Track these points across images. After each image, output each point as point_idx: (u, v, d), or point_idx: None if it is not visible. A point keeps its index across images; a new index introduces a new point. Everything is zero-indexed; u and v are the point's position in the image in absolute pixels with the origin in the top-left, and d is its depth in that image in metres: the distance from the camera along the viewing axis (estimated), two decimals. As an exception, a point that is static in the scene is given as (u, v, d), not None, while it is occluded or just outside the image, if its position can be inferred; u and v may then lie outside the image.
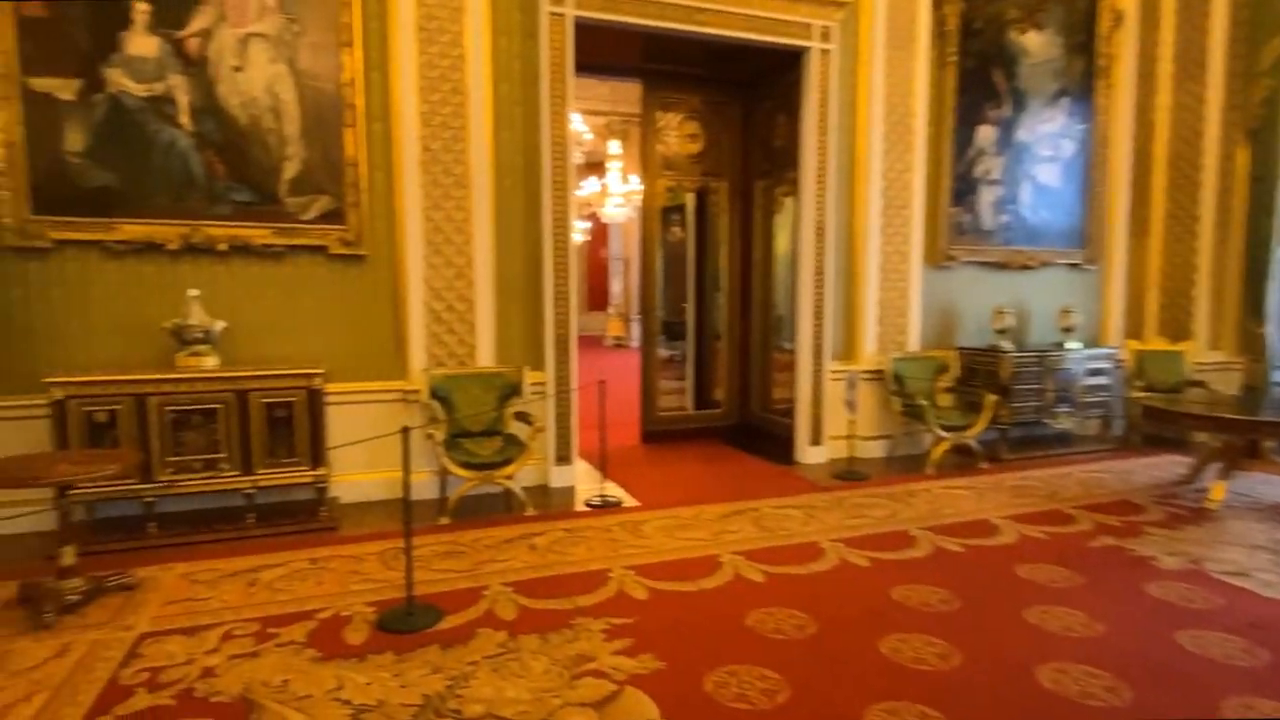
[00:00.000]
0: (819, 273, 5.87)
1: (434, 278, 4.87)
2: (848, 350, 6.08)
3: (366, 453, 4.68)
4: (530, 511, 4.57)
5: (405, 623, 3.01)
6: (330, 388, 4.62)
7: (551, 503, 4.90)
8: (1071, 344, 6.31)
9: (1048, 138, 6.56)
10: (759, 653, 2.83)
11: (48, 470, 3.09)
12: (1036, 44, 6.40)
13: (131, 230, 4.25)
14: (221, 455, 4.14)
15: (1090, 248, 6.82)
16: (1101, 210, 6.84)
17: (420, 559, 3.70)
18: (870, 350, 6.03)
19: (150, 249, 4.31)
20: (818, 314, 5.90)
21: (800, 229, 5.90)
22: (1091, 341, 6.75)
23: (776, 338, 6.61)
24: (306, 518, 4.37)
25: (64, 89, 4.06)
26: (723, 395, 7.05)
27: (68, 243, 4.18)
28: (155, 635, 2.93)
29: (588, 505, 4.80)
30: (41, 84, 4.02)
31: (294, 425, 4.27)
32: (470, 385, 4.84)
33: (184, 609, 3.18)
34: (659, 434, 6.76)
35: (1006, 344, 6.04)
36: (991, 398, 5.69)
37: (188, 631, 2.96)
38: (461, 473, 4.40)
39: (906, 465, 5.82)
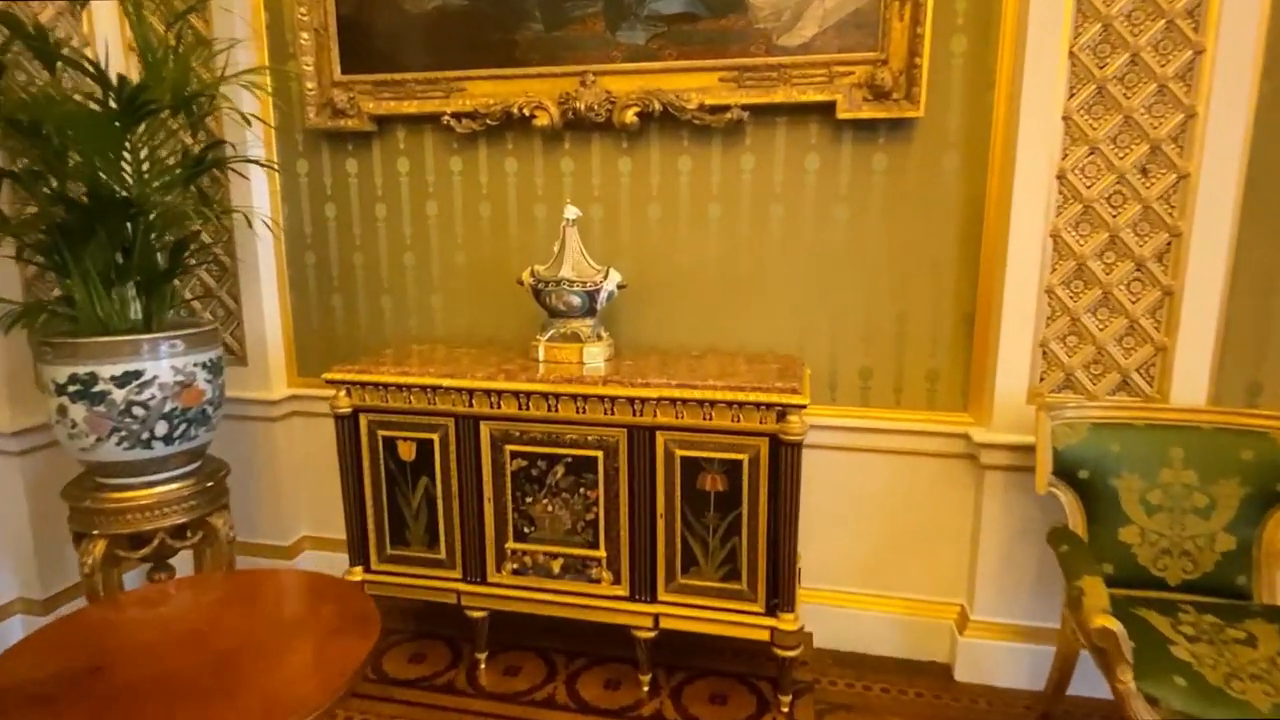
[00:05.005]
0: None
1: (1081, 171, 1.92)
2: None
3: (862, 555, 2.16)
4: None
5: None
6: (809, 413, 2.13)
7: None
8: None
9: None
10: None
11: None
12: None
13: (482, 91, 2.24)
14: (596, 553, 1.98)
15: None
16: None
17: None
18: None
19: (509, 126, 2.27)
20: None
21: None
22: None
23: None
24: (743, 706, 2.02)
25: None
26: None
27: (392, 120, 2.36)
28: None
29: None
30: None
31: (737, 508, 1.88)
32: (1163, 453, 1.83)
33: None
34: None
35: None
36: None
37: None
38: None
39: None
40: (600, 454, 1.93)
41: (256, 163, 2.21)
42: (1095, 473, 1.84)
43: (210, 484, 2.06)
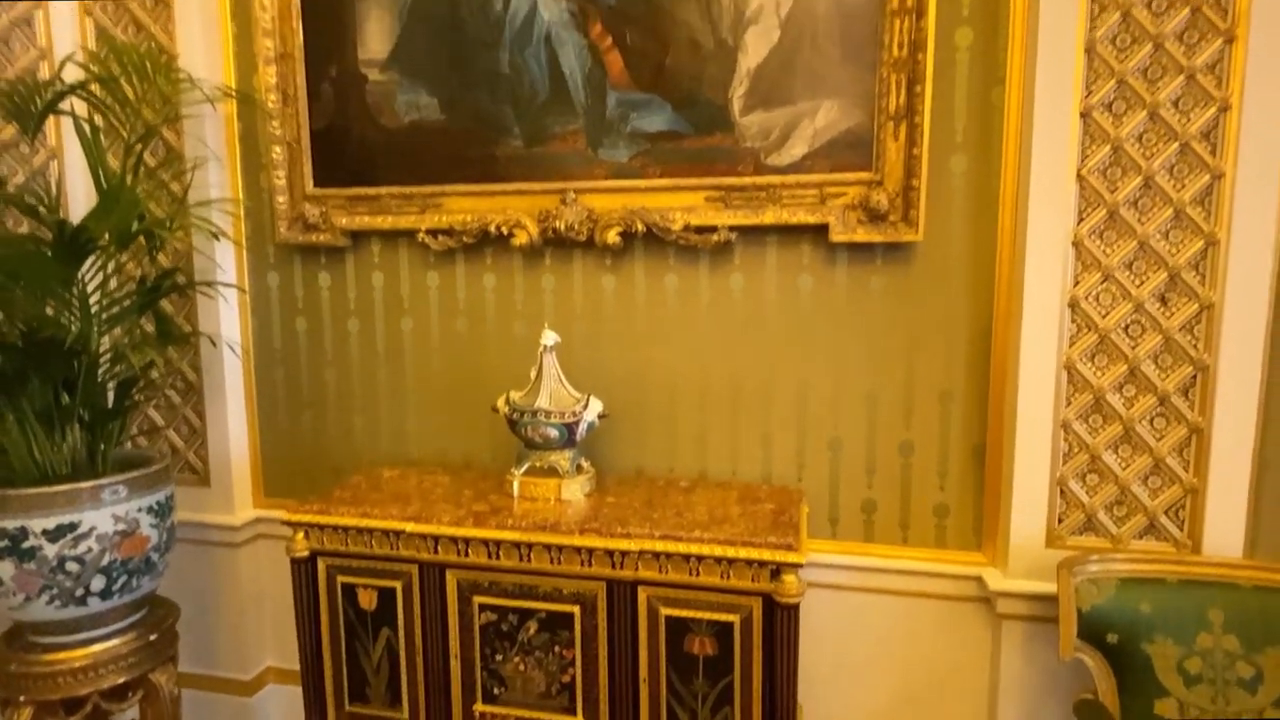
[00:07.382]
0: None
1: (1095, 299, 1.79)
2: None
3: (868, 705, 1.96)
4: None
5: None
6: (808, 549, 1.95)
7: None
8: None
9: None
10: None
11: None
12: None
13: (459, 207, 2.14)
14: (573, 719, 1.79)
15: None
16: None
17: None
18: None
19: (486, 244, 2.16)
20: None
21: None
22: None
23: None
24: None
25: (352, -66, 2.11)
26: None
27: (366, 236, 2.26)
28: None
29: None
30: (318, -68, 2.12)
31: (729, 675, 1.70)
32: (1200, 614, 1.65)
33: None
34: None
35: None
36: None
37: None
38: None
39: None
40: (577, 609, 1.76)
41: (217, 285, 2.10)
42: (1125, 637, 1.66)
43: (154, 636, 1.89)
